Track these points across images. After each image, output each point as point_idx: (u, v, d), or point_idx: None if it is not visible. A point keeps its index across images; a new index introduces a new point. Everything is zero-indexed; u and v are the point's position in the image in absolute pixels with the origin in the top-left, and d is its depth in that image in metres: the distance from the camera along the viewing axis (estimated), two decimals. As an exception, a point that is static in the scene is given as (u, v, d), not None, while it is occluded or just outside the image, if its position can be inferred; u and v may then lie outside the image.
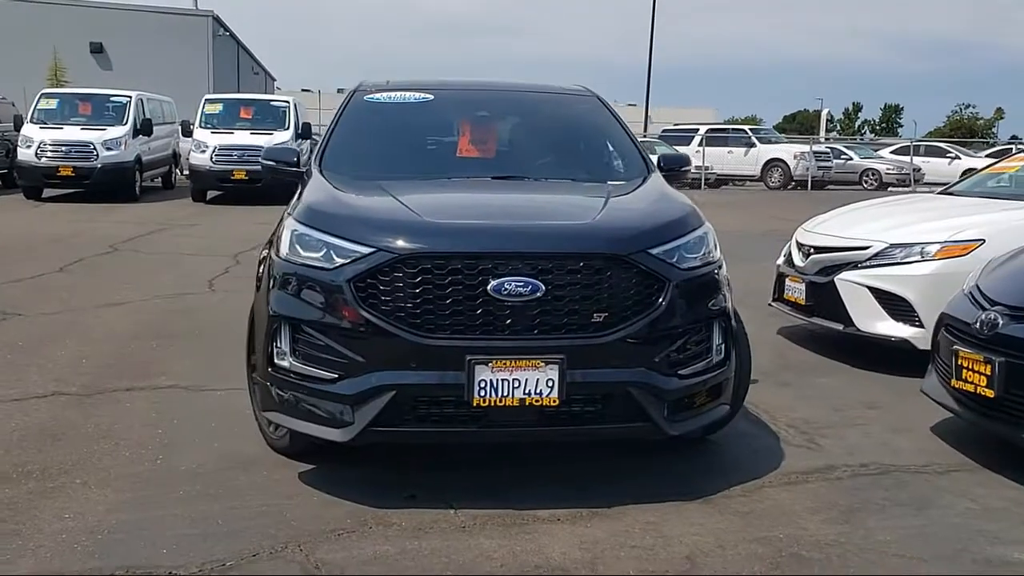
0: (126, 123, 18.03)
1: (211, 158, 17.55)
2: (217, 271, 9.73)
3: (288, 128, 18.42)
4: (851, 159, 30.16)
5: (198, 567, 3.13)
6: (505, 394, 3.44)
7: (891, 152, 32.37)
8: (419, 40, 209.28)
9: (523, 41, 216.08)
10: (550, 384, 3.44)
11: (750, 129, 29.58)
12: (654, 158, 5.01)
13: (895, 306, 5.88)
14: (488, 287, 3.44)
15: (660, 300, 3.58)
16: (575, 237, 3.61)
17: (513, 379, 3.43)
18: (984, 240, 5.75)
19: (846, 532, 3.46)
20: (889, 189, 28.15)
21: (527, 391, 3.44)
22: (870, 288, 5.97)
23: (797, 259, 6.59)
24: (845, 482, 3.99)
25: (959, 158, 31.23)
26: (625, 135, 5.07)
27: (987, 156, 32.36)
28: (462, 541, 3.35)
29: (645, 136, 30.40)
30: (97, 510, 3.59)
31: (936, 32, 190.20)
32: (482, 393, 3.43)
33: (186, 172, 22.16)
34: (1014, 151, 29.97)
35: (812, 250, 6.46)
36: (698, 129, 28.61)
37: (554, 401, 3.46)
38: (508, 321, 3.47)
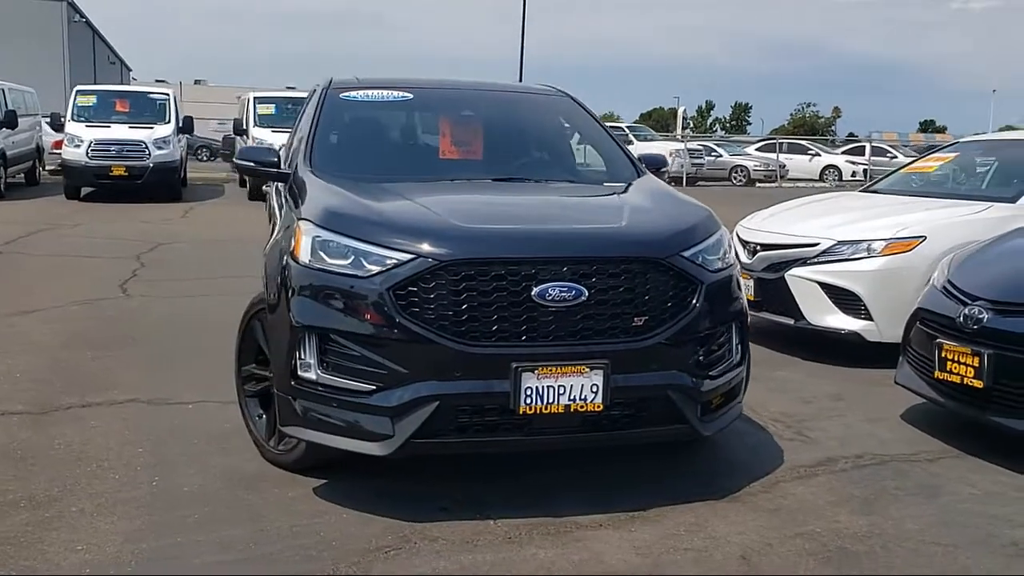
0: (-13, 115, 16.79)
1: (87, 153, 16.53)
2: (124, 274, 9.21)
3: (169, 122, 17.59)
4: (721, 156, 31.29)
5: (253, 597, 2.96)
6: (551, 401, 3.40)
7: (756, 149, 33.78)
8: (278, 32, 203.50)
9: (386, 35, 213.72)
10: (594, 390, 3.42)
11: (627, 127, 30.23)
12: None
13: (844, 300, 6.14)
14: (532, 293, 3.39)
15: (694, 302, 3.61)
16: (615, 241, 3.60)
17: (559, 386, 3.39)
18: (926, 237, 6.07)
19: (876, 523, 3.59)
20: (757, 184, 29.38)
21: (572, 397, 3.41)
22: (820, 283, 6.21)
23: (743, 256, 6.77)
24: (851, 474, 4.14)
25: (819, 155, 32.92)
26: (606, 135, 5.09)
27: (843, 153, 34.30)
28: (516, 553, 3.28)
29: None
30: (112, 540, 3.33)
31: (782, 34, 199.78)
32: (528, 401, 3.38)
33: (50, 167, 20.92)
34: (869, 147, 31.75)
35: (759, 247, 6.66)
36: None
37: (598, 407, 3.44)
38: (552, 327, 3.42)
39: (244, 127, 18.63)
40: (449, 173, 4.55)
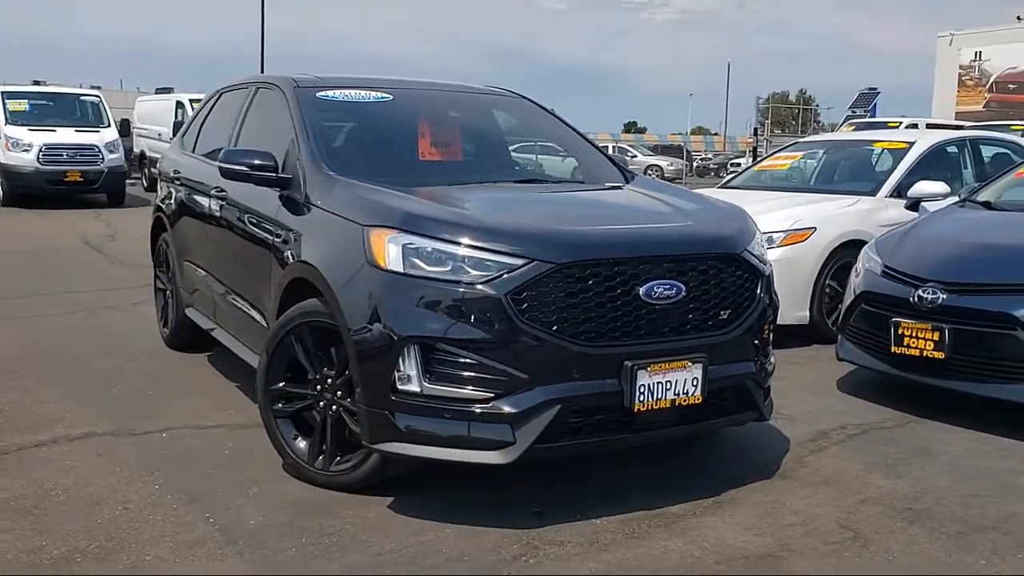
0: None
1: None
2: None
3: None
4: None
5: (440, 621, 2.82)
6: (659, 397, 3.49)
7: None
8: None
9: (89, 17, 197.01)
10: (695, 383, 3.56)
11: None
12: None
13: (749, 288, 6.65)
14: (639, 291, 3.46)
15: (760, 293, 3.85)
16: (700, 238, 3.74)
17: (666, 381, 3.50)
18: (816, 228, 6.74)
19: (914, 484, 4.01)
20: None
21: (677, 392, 3.53)
22: (727, 274, 6.69)
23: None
24: (850, 444, 4.56)
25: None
26: (577, 136, 5.21)
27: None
28: (649, 547, 3.35)
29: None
30: (228, 584, 3.02)
31: (495, 39, 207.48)
32: (641, 398, 3.45)
33: None
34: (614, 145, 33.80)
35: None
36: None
37: (697, 399, 3.58)
38: (657, 324, 3.51)
39: (-7, 126, 16.66)
40: (474, 177, 4.48)
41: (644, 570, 3.17)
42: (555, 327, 3.36)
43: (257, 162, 4.25)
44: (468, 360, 3.34)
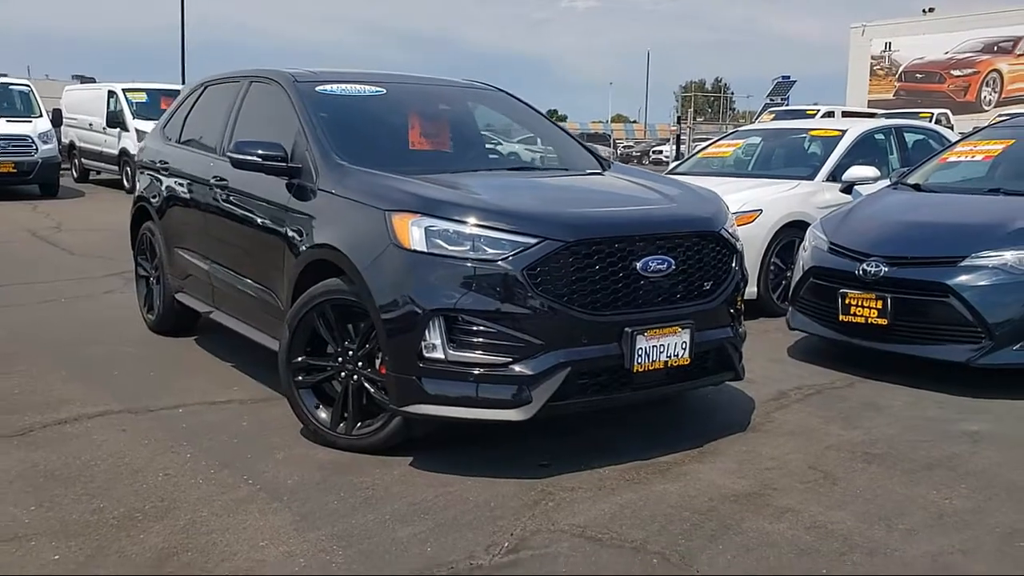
0: None
1: None
2: None
3: None
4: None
5: (484, 556, 3.22)
6: (654, 359, 3.94)
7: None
8: None
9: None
10: (684, 346, 4.02)
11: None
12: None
13: (702, 267, 7.18)
14: (637, 266, 3.90)
15: (735, 267, 4.33)
16: (684, 218, 4.20)
17: (660, 344, 3.95)
18: (762, 210, 7.30)
19: (867, 433, 4.55)
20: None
21: (669, 354, 3.98)
22: (682, 254, 7.20)
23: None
24: (808, 401, 5.10)
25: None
26: (554, 126, 5.62)
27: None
28: (651, 489, 3.80)
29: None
30: (283, 534, 3.36)
31: (411, 26, 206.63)
32: (639, 360, 3.90)
33: None
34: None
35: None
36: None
37: (685, 361, 4.04)
38: (652, 294, 3.96)
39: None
40: (470, 165, 4.86)
41: (649, 510, 3.62)
42: (565, 298, 3.78)
43: (269, 152, 4.56)
44: (488, 329, 3.74)
